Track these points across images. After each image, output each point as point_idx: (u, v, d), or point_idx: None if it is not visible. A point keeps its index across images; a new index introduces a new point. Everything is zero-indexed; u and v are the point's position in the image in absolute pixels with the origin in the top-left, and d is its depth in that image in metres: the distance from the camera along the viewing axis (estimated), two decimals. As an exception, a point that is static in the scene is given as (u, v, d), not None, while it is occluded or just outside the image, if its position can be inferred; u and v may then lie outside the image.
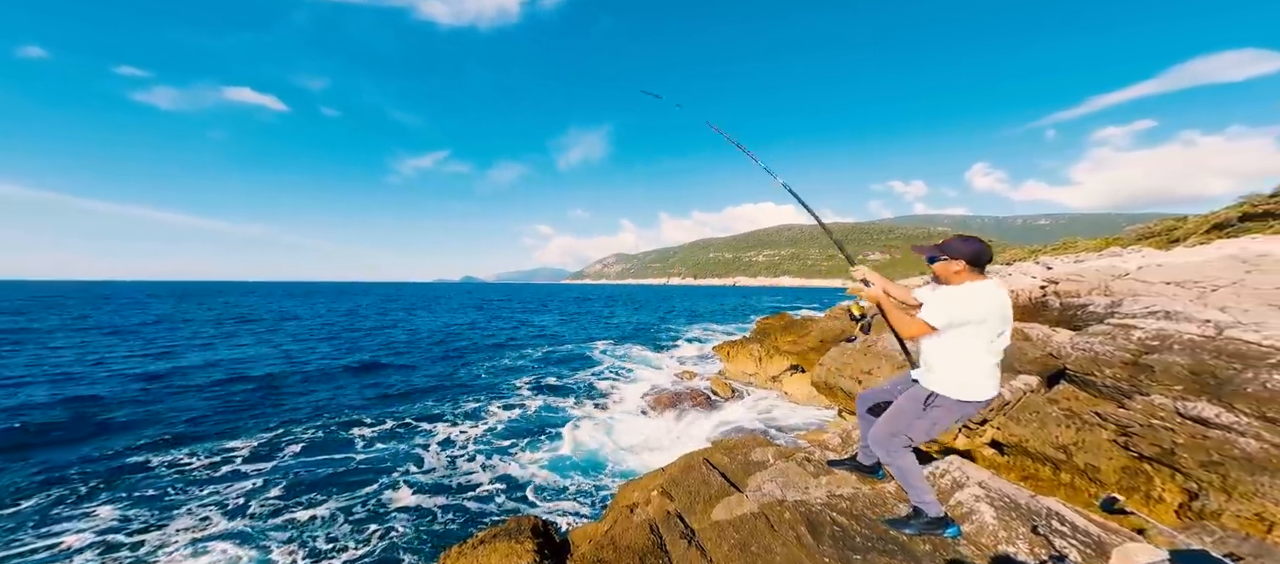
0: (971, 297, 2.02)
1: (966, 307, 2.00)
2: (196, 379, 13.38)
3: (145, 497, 6.56)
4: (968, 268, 2.08)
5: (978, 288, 2.04)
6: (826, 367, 7.70)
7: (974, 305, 2.00)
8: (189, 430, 9.15)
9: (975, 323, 2.02)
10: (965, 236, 2.14)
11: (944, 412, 2.15)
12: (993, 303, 2.02)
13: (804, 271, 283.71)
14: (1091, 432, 4.15)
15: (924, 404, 2.17)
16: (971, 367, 2.08)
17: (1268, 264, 7.35)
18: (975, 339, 2.04)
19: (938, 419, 2.18)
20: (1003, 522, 2.31)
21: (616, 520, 4.41)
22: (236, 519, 6.07)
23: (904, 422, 2.27)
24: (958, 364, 2.09)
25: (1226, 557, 0.94)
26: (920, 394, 2.19)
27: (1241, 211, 15.38)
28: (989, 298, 2.02)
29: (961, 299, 2.02)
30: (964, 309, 2.00)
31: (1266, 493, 2.86)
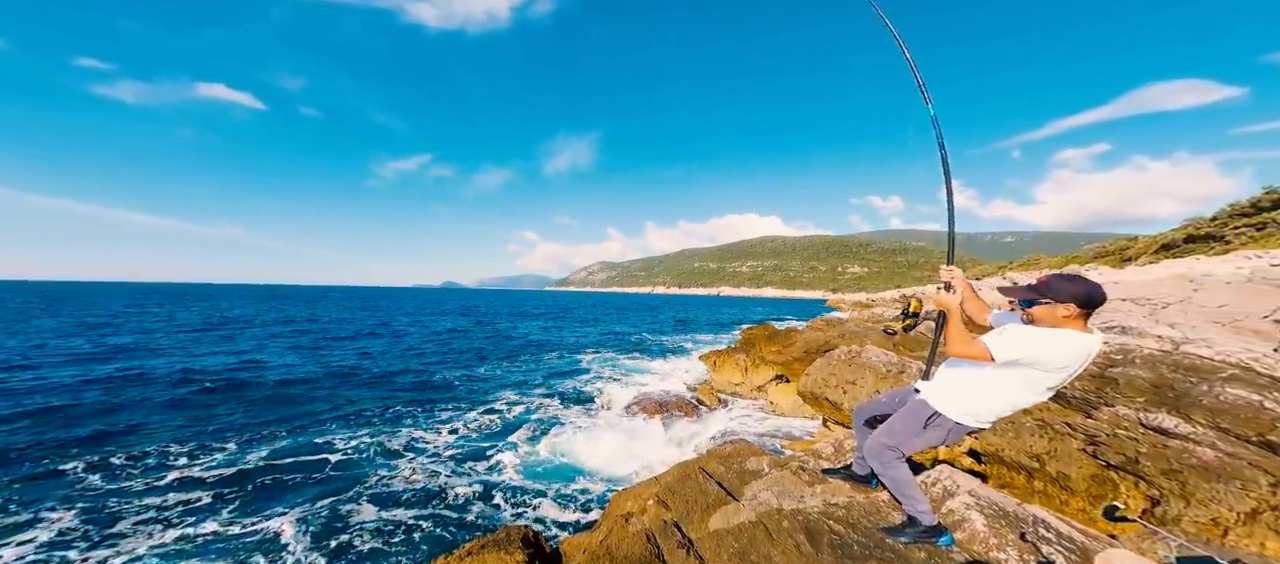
0: (1063, 344, 1.74)
1: (1049, 352, 1.74)
2: (155, 385, 12.59)
3: (96, 509, 6.11)
4: (1078, 314, 1.76)
5: (1073, 339, 1.74)
6: (812, 376, 7.88)
7: (1057, 353, 1.74)
8: (146, 438, 8.59)
9: (1042, 369, 1.79)
10: (1069, 276, 1.81)
11: (941, 431, 2.21)
12: (1078, 356, 1.75)
13: (786, 283, 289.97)
14: (1062, 441, 4.40)
15: (924, 423, 2.23)
16: (988, 400, 1.99)
17: (1211, 284, 7.99)
18: (1022, 384, 1.86)
19: (933, 438, 2.26)
20: (993, 529, 2.43)
21: (611, 530, 4.37)
22: (199, 532, 5.72)
23: (900, 437, 2.34)
24: (975, 393, 2.02)
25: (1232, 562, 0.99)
26: (922, 412, 2.24)
27: (1186, 233, 16.71)
28: (1079, 351, 1.74)
29: (1049, 344, 1.75)
30: (1043, 355, 1.74)
31: (1221, 499, 3.10)
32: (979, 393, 2.04)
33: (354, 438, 9.14)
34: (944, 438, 2.19)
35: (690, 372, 16.84)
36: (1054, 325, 1.82)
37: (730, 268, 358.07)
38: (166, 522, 5.91)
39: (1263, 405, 3.64)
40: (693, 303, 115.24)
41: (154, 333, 23.50)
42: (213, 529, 5.80)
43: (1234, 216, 15.06)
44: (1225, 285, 7.86)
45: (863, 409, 2.86)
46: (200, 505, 6.32)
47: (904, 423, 2.29)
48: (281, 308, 50.82)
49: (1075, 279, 1.80)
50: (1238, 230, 14.18)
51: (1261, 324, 6.50)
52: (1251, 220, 14.27)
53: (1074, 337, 1.77)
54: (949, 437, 2.18)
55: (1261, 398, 3.71)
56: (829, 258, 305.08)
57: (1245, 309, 6.76)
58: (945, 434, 2.18)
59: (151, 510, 6.12)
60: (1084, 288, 1.74)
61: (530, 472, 7.94)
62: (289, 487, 7.03)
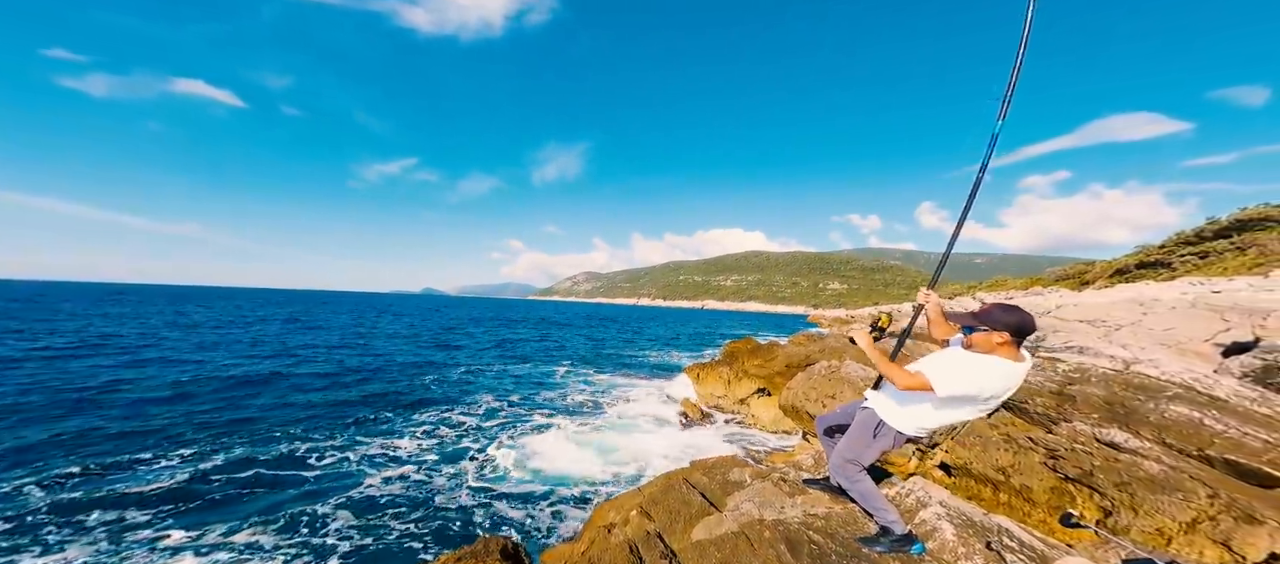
0: (991, 375, 1.90)
1: (983, 382, 1.89)
2: (105, 395, 11.85)
3: (50, 523, 5.70)
4: (1010, 341, 1.92)
5: (1002, 367, 1.90)
6: (794, 390, 8.05)
7: (991, 381, 1.89)
8: (97, 450, 8.06)
9: (974, 402, 1.97)
10: (1007, 305, 1.96)
11: (888, 439, 2.40)
12: (1008, 382, 1.92)
13: (769, 298, 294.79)
14: (1025, 455, 4.63)
15: (873, 432, 2.43)
16: (928, 416, 2.18)
17: (1159, 308, 8.58)
18: (959, 406, 2.04)
19: (883, 445, 2.44)
20: (961, 538, 2.56)
21: (593, 541, 4.36)
22: (164, 545, 5.40)
23: (857, 448, 2.50)
24: (917, 408, 2.19)
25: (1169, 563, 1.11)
26: (870, 421, 2.44)
27: (1137, 260, 17.89)
28: (1009, 381, 1.91)
29: (979, 374, 1.91)
30: (975, 386, 1.90)
31: (1165, 510, 3.34)
32: (919, 409, 2.22)
33: (322, 448, 8.80)
34: (892, 445, 2.37)
35: (674, 384, 16.90)
36: (989, 351, 1.98)
37: (715, 281, 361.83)
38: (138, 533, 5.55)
39: (1202, 422, 3.95)
40: (678, 315, 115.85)
41: (112, 330, 22.14)
42: (175, 542, 5.48)
43: (1180, 245, 16.24)
44: (1171, 310, 8.45)
45: (824, 419, 3.01)
46: (157, 517, 5.97)
47: (857, 435, 2.46)
48: (255, 311, 48.64)
49: (1012, 309, 1.95)
50: (1183, 258, 15.29)
51: (1202, 347, 7.02)
52: (1195, 248, 15.41)
53: (1005, 365, 1.94)
54: (894, 443, 2.36)
55: (1201, 415, 4.02)
56: (811, 274, 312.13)
57: (1189, 333, 7.29)
58: (892, 442, 2.36)
59: (102, 528, 5.74)
60: (1017, 319, 1.91)
61: (511, 483, 7.80)
62: (255, 498, 6.71)
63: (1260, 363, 5.15)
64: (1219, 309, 7.67)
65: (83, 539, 5.37)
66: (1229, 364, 5.77)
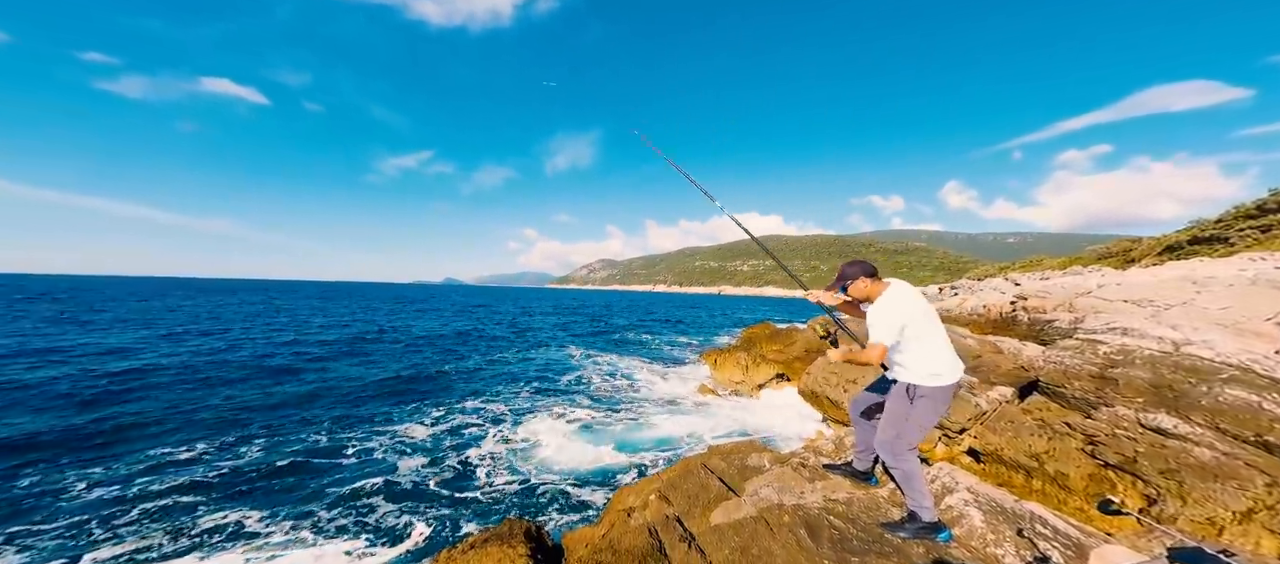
0: (893, 303, 2.32)
1: (896, 314, 2.29)
2: (147, 379, 12.71)
3: (92, 506, 6.20)
4: (869, 280, 2.44)
5: (890, 294, 2.37)
6: (813, 375, 7.93)
7: (899, 308, 2.31)
8: (134, 436, 8.68)
9: (909, 325, 2.30)
10: (852, 261, 2.55)
11: (928, 401, 2.37)
12: (908, 299, 2.35)
13: (787, 282, 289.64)
14: (1061, 441, 4.44)
15: (910, 399, 2.39)
16: (929, 354, 2.32)
17: (1215, 286, 7.98)
18: (916, 333, 2.31)
19: (925, 411, 2.38)
20: (991, 525, 2.47)
21: (614, 524, 4.44)
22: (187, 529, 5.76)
23: (899, 422, 2.44)
24: (919, 357, 2.34)
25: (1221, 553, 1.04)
26: (902, 390, 2.43)
27: (1190, 235, 16.63)
28: (903, 297, 2.36)
29: (889, 310, 2.30)
30: (896, 318, 2.28)
31: (1217, 498, 3.14)
32: (916, 356, 2.37)
33: (352, 434, 9.22)
34: (933, 408, 2.35)
35: (692, 370, 16.91)
36: (870, 297, 2.43)
37: (731, 267, 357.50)
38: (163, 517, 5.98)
39: (1261, 406, 3.67)
40: (694, 301, 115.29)
41: (143, 322, 23.71)
42: (213, 524, 5.88)
43: (1239, 218, 15.00)
44: (1228, 287, 7.85)
45: (858, 401, 2.93)
46: (204, 501, 6.41)
47: (896, 407, 2.42)
48: (287, 304, 51.11)
49: (854, 261, 2.50)
50: (1242, 232, 14.14)
51: (1264, 326, 6.50)
52: (1257, 222, 14.21)
53: (889, 294, 2.36)
54: (937, 404, 2.36)
55: (1260, 399, 3.73)
56: (830, 257, 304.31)
57: (1248, 311, 6.76)
58: (932, 404, 2.35)
59: (144, 507, 6.20)
60: (862, 265, 2.46)
61: (533, 467, 8.01)
62: (291, 478, 7.12)
63: (1330, 342, 4.72)
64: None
65: (131, 525, 5.83)
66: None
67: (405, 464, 7.92)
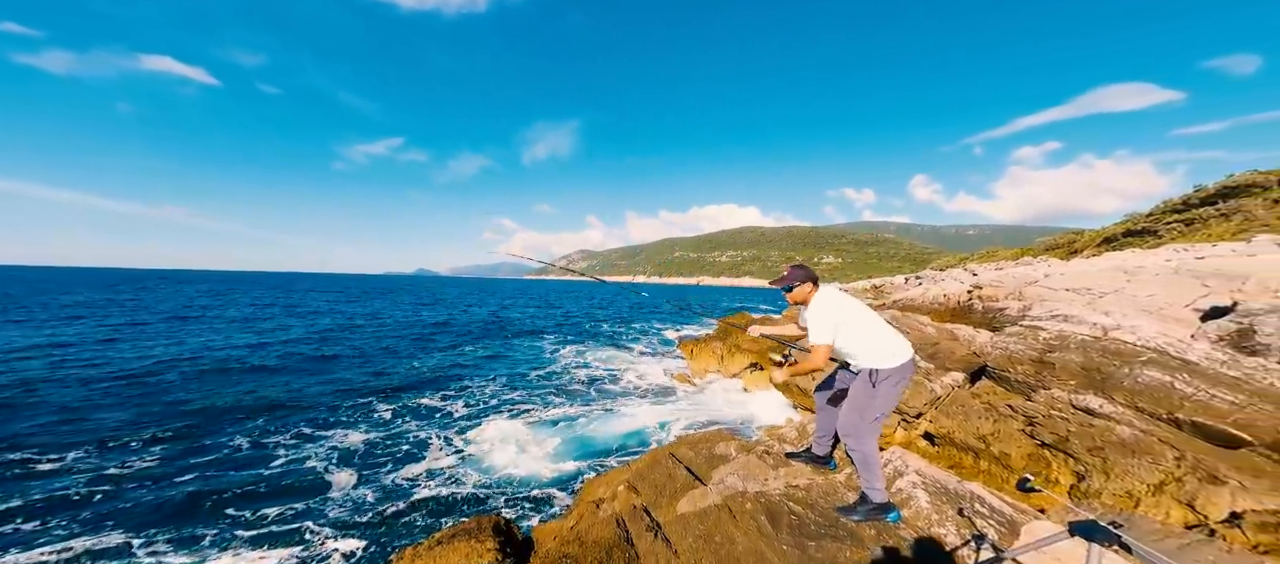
0: (825, 306, 2.51)
1: (829, 314, 2.49)
2: (99, 373, 11.74)
3: (31, 504, 5.71)
4: (809, 285, 2.61)
5: (820, 297, 2.57)
6: (783, 363, 8.15)
7: (831, 311, 2.50)
8: (85, 429, 8.04)
9: (842, 322, 2.48)
10: (797, 265, 2.68)
11: (888, 383, 2.47)
12: (838, 303, 2.55)
13: (765, 272, 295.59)
14: (1005, 422, 4.74)
15: (872, 382, 2.48)
16: (875, 341, 2.47)
17: (1143, 275, 8.66)
18: (854, 326, 2.50)
19: (887, 392, 2.48)
20: (935, 505, 2.61)
21: (582, 516, 4.45)
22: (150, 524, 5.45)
23: (862, 406, 2.53)
24: (866, 344, 2.48)
25: (1110, 524, 1.18)
26: (865, 377, 2.52)
27: (1125, 228, 18.01)
28: (833, 298, 2.56)
29: (822, 311, 2.49)
30: (830, 316, 2.48)
31: (1135, 473, 3.44)
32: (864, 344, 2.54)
33: (318, 428, 8.85)
34: (893, 388, 2.52)
35: (667, 360, 17.08)
36: (807, 300, 2.59)
37: (710, 258, 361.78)
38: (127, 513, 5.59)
39: (1172, 385, 4.03)
40: (673, 292, 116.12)
41: (89, 316, 21.81)
42: (178, 516, 5.54)
43: (1166, 213, 16.34)
44: (1155, 276, 8.53)
45: (822, 390, 3.01)
46: (159, 497, 6.01)
47: (860, 391, 2.51)
48: (247, 294, 48.06)
49: (799, 266, 2.64)
50: (1169, 226, 15.41)
51: (1183, 312, 7.12)
52: (1181, 216, 15.51)
53: (822, 298, 2.55)
54: (896, 383, 2.52)
55: (1172, 379, 4.10)
56: (805, 248, 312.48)
57: (1170, 299, 7.38)
58: (891, 384, 2.51)
59: (103, 508, 5.77)
60: (806, 271, 2.61)
61: (502, 460, 7.92)
62: (256, 479, 6.77)
63: (1235, 326, 5.23)
64: (1201, 275, 7.75)
65: (72, 531, 5.41)
66: (1206, 328, 5.86)
67: (368, 460, 7.67)
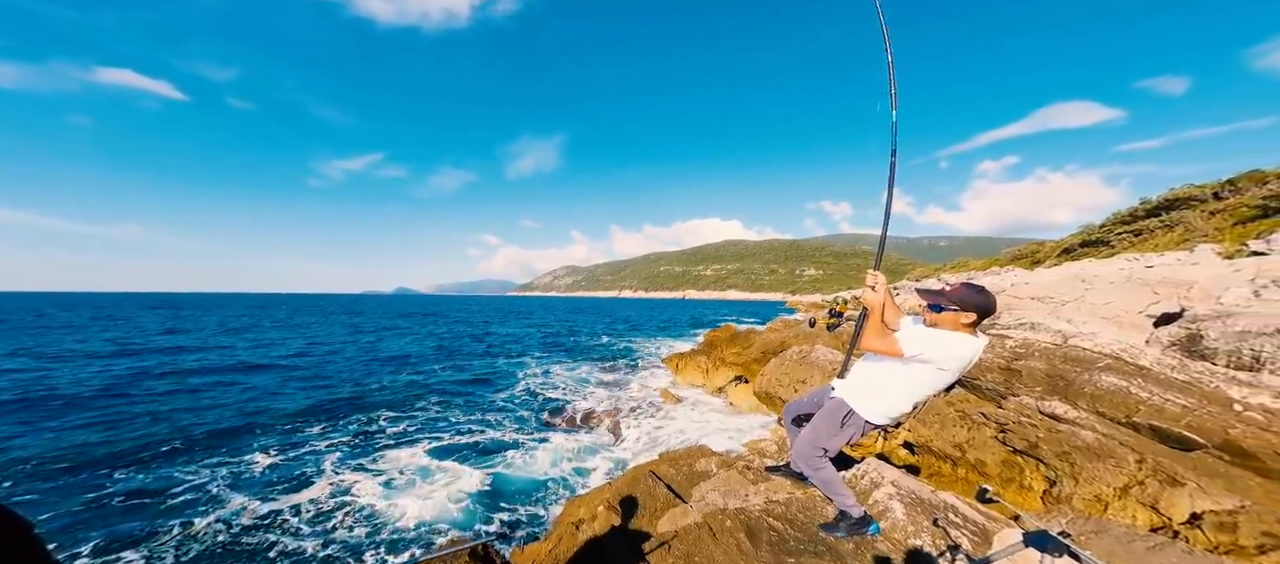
0: (957, 346, 1.96)
1: (947, 352, 1.95)
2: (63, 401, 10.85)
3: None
4: (975, 321, 1.96)
5: (965, 341, 1.96)
6: (767, 377, 8.19)
7: (954, 354, 1.95)
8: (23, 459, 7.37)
9: (939, 368, 1.99)
10: (975, 286, 1.99)
11: (855, 428, 2.37)
12: (966, 358, 1.98)
13: (749, 286, 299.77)
14: (979, 430, 4.85)
15: (841, 421, 2.39)
16: (898, 398, 2.18)
17: (1099, 284, 9.13)
18: (922, 379, 2.04)
19: (850, 435, 2.42)
20: (911, 517, 2.62)
21: (561, 538, 4.30)
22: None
23: (823, 437, 2.48)
24: (888, 391, 2.19)
25: (1060, 534, 1.21)
26: (838, 410, 2.39)
27: (1080, 239, 19.08)
28: (969, 355, 1.97)
29: (947, 345, 1.96)
30: (943, 354, 1.95)
31: (1100, 477, 3.55)
32: (885, 391, 2.23)
33: (285, 455, 8.36)
34: (858, 433, 2.37)
35: (654, 375, 16.96)
36: (954, 330, 2.01)
37: (696, 271, 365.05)
38: None
39: (1129, 390, 4.21)
40: (659, 306, 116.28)
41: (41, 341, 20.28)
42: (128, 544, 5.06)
43: (1117, 224, 17.41)
44: (1110, 285, 9.00)
45: (791, 407, 3.00)
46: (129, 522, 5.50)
47: (824, 422, 2.43)
48: (236, 315, 45.72)
49: (980, 290, 1.99)
50: (1120, 236, 16.40)
51: (1136, 319, 7.52)
52: (1130, 227, 16.54)
53: (967, 340, 1.99)
54: (862, 432, 2.36)
55: (1128, 384, 4.28)
56: (787, 261, 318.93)
57: (1124, 306, 7.78)
58: (859, 430, 2.35)
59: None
60: (985, 301, 1.94)
61: (486, 484, 7.63)
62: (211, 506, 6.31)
63: (1184, 332, 5.55)
64: (1150, 283, 8.22)
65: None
66: (1158, 334, 6.20)
67: (339, 486, 7.26)
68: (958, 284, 2.04)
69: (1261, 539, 2.81)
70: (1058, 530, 1.27)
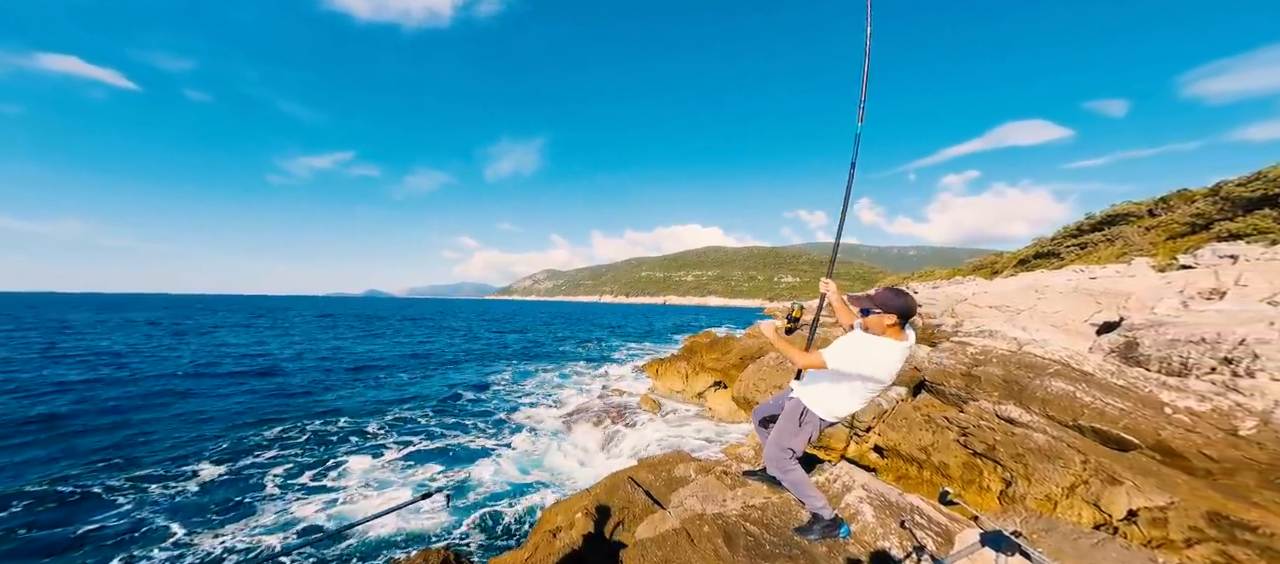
0: (875, 355, 2.10)
1: (864, 362, 2.11)
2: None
3: None
4: (898, 323, 2.13)
5: (885, 347, 2.11)
6: (745, 382, 8.33)
7: (872, 364, 2.10)
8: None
9: (863, 379, 2.15)
10: (896, 290, 2.19)
11: (812, 426, 2.48)
12: (890, 366, 2.11)
13: (728, 292, 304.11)
14: (942, 433, 5.09)
15: (799, 420, 2.50)
16: (843, 399, 2.33)
17: (1051, 293, 9.77)
18: (853, 385, 2.22)
19: (809, 433, 2.52)
20: (880, 519, 2.73)
21: (538, 546, 4.24)
22: None
23: (786, 437, 2.57)
24: (833, 394, 2.35)
25: (1013, 534, 1.30)
26: (795, 409, 2.51)
27: (1034, 251, 20.37)
28: (890, 360, 2.11)
29: (865, 354, 2.10)
30: (861, 364, 2.11)
31: (1050, 477, 3.79)
32: (832, 393, 2.38)
33: (255, 465, 7.89)
34: (816, 432, 2.47)
35: (633, 381, 16.94)
36: (880, 333, 2.17)
37: (676, 277, 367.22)
38: None
39: (1075, 395, 4.53)
40: (640, 311, 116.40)
41: None
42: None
43: (1066, 237, 18.68)
44: (1059, 294, 9.64)
45: (759, 410, 3.09)
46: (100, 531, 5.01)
47: (786, 424, 2.53)
48: (184, 317, 42.60)
49: (900, 293, 2.16)
50: (1069, 248, 17.61)
51: (1082, 326, 8.10)
52: (1077, 240, 17.79)
53: (891, 346, 2.14)
54: (819, 429, 2.47)
55: (1074, 389, 4.61)
56: (766, 268, 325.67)
57: (1071, 315, 8.36)
58: (816, 428, 2.46)
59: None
60: (904, 303, 2.12)
61: (461, 492, 7.42)
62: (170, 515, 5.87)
63: (1123, 340, 6.02)
64: (1093, 293, 8.87)
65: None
66: (1100, 341, 6.70)
67: (311, 497, 6.91)
68: (881, 289, 2.23)
69: (1188, 533, 3.07)
70: (1011, 530, 1.36)
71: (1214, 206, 12.27)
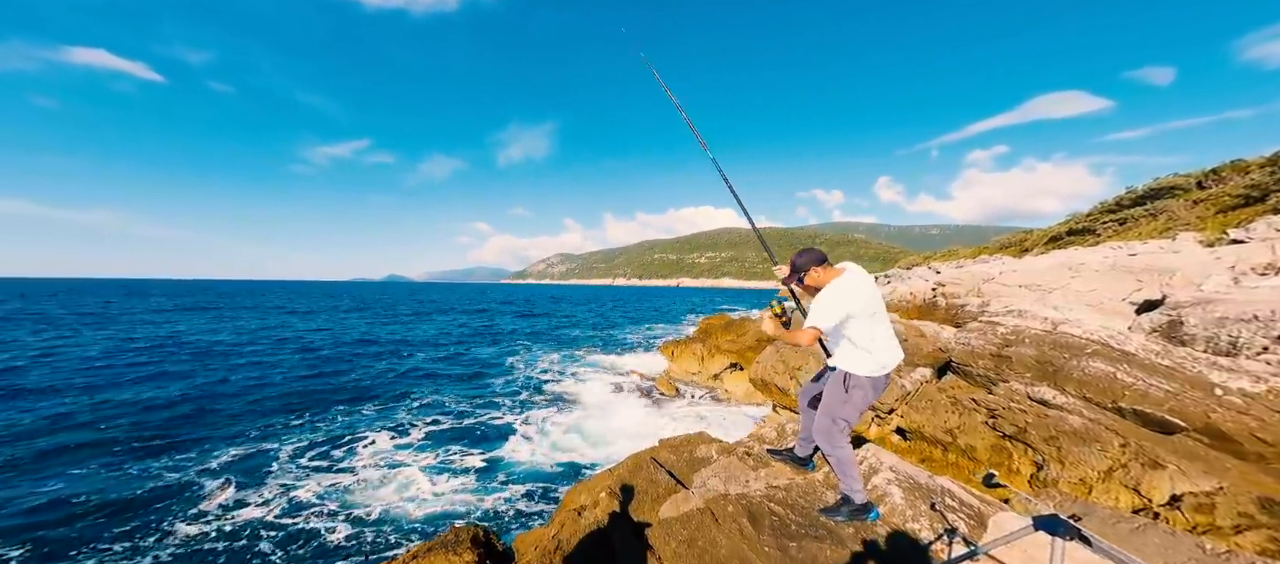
0: (838, 293, 2.32)
1: (838, 302, 2.31)
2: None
3: None
4: (819, 268, 2.44)
5: (839, 283, 2.36)
6: (762, 364, 8.27)
7: (843, 300, 2.31)
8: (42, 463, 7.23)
9: (853, 318, 2.32)
10: (801, 251, 2.53)
11: (861, 390, 2.46)
12: (856, 291, 2.33)
13: (743, 274, 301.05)
14: (969, 415, 4.97)
15: (844, 387, 2.47)
16: (867, 345, 2.39)
17: (1085, 271, 9.33)
18: (858, 323, 2.35)
19: (859, 399, 2.49)
20: (909, 501, 2.69)
21: (564, 524, 4.36)
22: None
23: (835, 409, 2.54)
24: (849, 348, 2.43)
25: (1070, 517, 1.24)
26: (839, 379, 2.50)
27: (1067, 227, 19.41)
28: (851, 288, 2.33)
29: (832, 298, 2.32)
30: (837, 308, 2.30)
31: (1086, 460, 3.68)
32: (850, 348, 2.44)
33: (289, 443, 8.32)
34: (866, 395, 2.45)
35: (650, 363, 17.08)
36: (822, 285, 2.42)
37: (690, 259, 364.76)
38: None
39: (1115, 376, 4.34)
40: (653, 294, 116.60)
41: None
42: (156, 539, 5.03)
43: (1103, 213, 17.72)
44: (1095, 272, 9.20)
45: (806, 391, 3.05)
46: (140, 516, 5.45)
47: (832, 395, 2.51)
48: (218, 302, 44.72)
49: (806, 251, 2.51)
50: (1105, 225, 16.71)
51: (1120, 305, 7.74)
52: (1115, 216, 16.85)
53: (840, 281, 2.36)
54: (869, 391, 2.46)
55: (1114, 369, 4.41)
56: (781, 249, 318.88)
57: (1108, 293, 7.98)
58: (864, 391, 2.45)
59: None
60: (811, 253, 2.47)
61: (486, 472, 7.69)
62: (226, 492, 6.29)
63: (1166, 319, 5.72)
64: (1134, 271, 8.42)
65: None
66: (1141, 320, 6.39)
67: (344, 473, 7.26)
68: (791, 259, 2.56)
69: (1238, 520, 2.95)
70: (1069, 515, 1.29)
71: (1271, 177, 11.40)
